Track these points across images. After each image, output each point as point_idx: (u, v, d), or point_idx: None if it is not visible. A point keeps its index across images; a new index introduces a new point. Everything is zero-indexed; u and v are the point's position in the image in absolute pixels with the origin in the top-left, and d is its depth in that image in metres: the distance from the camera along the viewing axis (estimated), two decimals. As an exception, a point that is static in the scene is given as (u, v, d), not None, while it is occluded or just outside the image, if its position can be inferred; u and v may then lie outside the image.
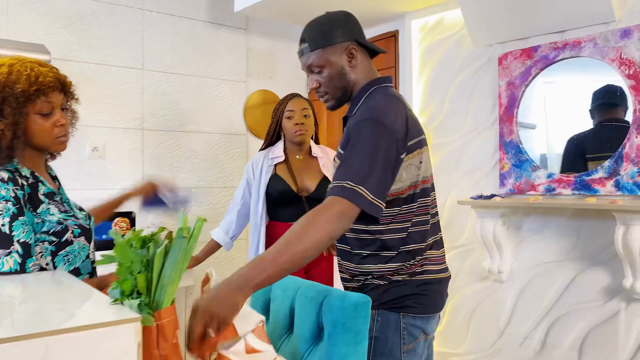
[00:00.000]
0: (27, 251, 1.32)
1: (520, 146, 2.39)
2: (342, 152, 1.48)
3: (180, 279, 1.02)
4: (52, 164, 1.61)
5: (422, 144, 1.49)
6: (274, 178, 2.28)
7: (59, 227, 1.40)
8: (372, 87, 1.58)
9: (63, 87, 1.47)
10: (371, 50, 1.63)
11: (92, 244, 1.51)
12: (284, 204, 2.30)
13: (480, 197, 2.41)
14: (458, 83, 2.69)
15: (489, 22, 2.45)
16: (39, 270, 1.36)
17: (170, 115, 3.12)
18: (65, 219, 1.42)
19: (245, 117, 3.44)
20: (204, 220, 1.04)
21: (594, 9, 2.13)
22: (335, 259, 2.19)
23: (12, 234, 1.32)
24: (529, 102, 2.40)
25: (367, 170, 1.34)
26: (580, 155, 2.27)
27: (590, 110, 2.21)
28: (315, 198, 2.22)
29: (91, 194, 2.81)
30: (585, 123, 2.23)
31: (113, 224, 2.64)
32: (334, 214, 1.26)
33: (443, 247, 1.57)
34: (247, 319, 1.11)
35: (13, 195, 1.33)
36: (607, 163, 2.12)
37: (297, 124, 2.26)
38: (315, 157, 2.35)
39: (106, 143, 2.89)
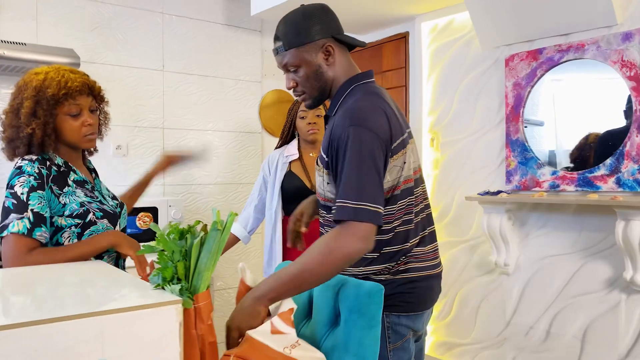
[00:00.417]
0: (37, 221, 1.47)
1: (526, 144, 2.49)
2: (325, 157, 1.47)
3: (215, 266, 1.15)
4: None
5: (405, 142, 1.47)
6: (289, 175, 2.40)
7: (80, 210, 1.56)
8: (352, 85, 1.53)
9: (91, 91, 1.63)
10: (350, 44, 1.55)
11: (118, 227, 1.66)
12: (298, 199, 2.42)
13: (487, 193, 2.51)
14: (466, 83, 2.79)
15: (496, 24, 2.55)
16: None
17: (189, 114, 3.25)
18: (89, 202, 1.58)
19: (260, 116, 3.56)
20: (235, 215, 1.17)
21: (596, 13, 2.22)
22: None
23: (28, 202, 1.48)
24: (537, 99, 2.49)
25: (364, 182, 1.35)
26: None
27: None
28: None
29: (115, 189, 2.94)
30: (591, 121, 2.33)
31: (137, 219, 2.78)
32: (350, 240, 1.30)
33: (434, 242, 1.56)
34: (282, 305, 1.25)
35: (37, 171, 1.51)
36: (608, 161, 2.21)
37: (309, 123, 2.38)
38: None
39: (129, 141, 3.03)
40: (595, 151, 2.31)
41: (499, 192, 2.49)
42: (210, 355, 1.09)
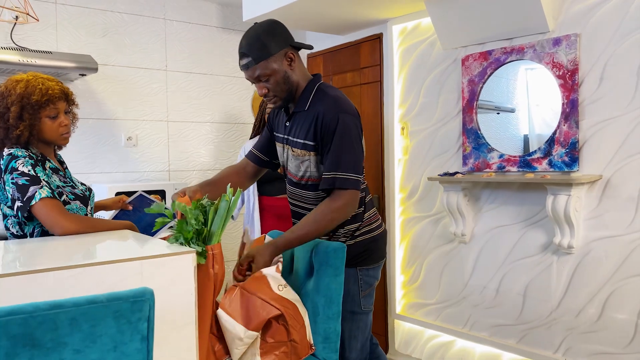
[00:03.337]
0: (50, 187, 1.72)
1: (479, 132, 2.91)
2: (312, 143, 1.79)
3: (224, 229, 1.58)
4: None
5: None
6: None
7: (57, 191, 1.76)
8: (315, 84, 1.82)
9: (66, 97, 1.88)
10: (300, 48, 1.81)
11: (90, 207, 1.92)
12: (271, 181, 2.89)
13: (446, 174, 2.93)
14: (430, 79, 3.19)
15: (453, 29, 2.93)
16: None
17: (190, 108, 3.65)
18: (63, 186, 1.84)
19: (252, 108, 3.96)
20: (241, 191, 1.61)
21: (533, 21, 2.62)
22: None
23: (38, 175, 1.72)
24: (512, 87, 2.82)
25: (351, 157, 1.76)
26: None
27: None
28: None
29: (127, 175, 3.37)
30: (554, 110, 2.71)
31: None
32: (341, 205, 1.75)
33: (374, 207, 1.98)
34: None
35: (27, 154, 1.75)
36: (543, 145, 2.64)
37: None
38: None
39: (138, 133, 3.44)
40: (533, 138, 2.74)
41: (455, 173, 2.91)
42: (219, 287, 1.54)
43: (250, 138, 2.99)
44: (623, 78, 2.35)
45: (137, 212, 2.20)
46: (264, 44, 1.72)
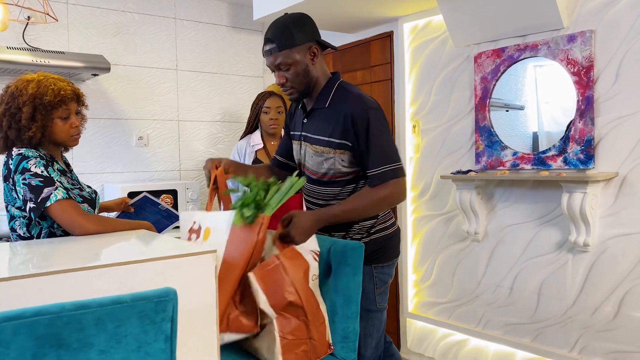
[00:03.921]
0: (64, 188, 1.70)
1: (492, 130, 2.90)
2: (339, 140, 1.80)
3: (278, 205, 1.60)
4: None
5: None
6: (256, 161, 2.88)
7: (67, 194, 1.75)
8: (336, 82, 1.84)
9: (77, 97, 1.86)
10: (325, 47, 1.84)
11: (97, 210, 1.92)
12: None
13: (459, 172, 2.92)
14: (442, 77, 3.18)
15: (465, 26, 2.92)
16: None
17: (200, 108, 3.66)
18: (71, 189, 1.81)
19: (263, 107, 3.97)
20: (304, 180, 1.65)
21: (547, 18, 2.61)
22: None
23: (51, 175, 1.69)
24: (520, 84, 2.83)
25: (392, 148, 1.80)
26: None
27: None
28: None
29: (138, 175, 3.38)
30: (563, 107, 2.70)
31: (160, 199, 3.21)
32: (392, 192, 1.76)
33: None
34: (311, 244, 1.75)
35: (38, 155, 1.73)
36: (557, 143, 2.63)
37: (272, 119, 2.85)
38: None
39: (149, 133, 3.44)
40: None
41: (468, 171, 2.90)
42: (256, 256, 1.56)
43: (240, 139, 3.00)
44: (639, 75, 2.33)
45: (140, 214, 2.21)
46: (291, 33, 1.74)
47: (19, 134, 1.74)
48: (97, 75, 2.90)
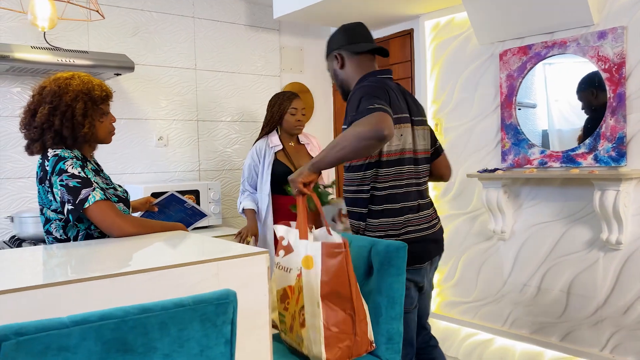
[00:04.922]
0: (102, 189, 1.67)
1: (519, 128, 2.87)
2: (345, 127, 1.90)
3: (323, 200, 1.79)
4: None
5: (401, 121, 1.89)
6: (276, 162, 2.87)
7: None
8: (361, 82, 1.96)
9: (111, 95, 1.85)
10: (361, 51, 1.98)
11: (130, 209, 1.90)
12: (285, 181, 2.87)
13: (485, 170, 2.90)
14: (466, 75, 3.16)
15: (490, 23, 2.90)
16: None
17: (219, 107, 3.62)
18: (107, 189, 1.78)
19: (280, 106, 3.93)
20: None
21: (576, 14, 2.59)
22: None
23: (88, 176, 1.66)
24: (530, 84, 2.84)
25: (368, 102, 1.73)
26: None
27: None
28: None
29: (158, 176, 3.34)
30: (572, 105, 2.71)
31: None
32: (366, 121, 1.66)
33: (425, 210, 1.96)
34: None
35: (74, 155, 1.69)
36: (588, 140, 2.60)
37: (298, 120, 2.86)
38: (303, 144, 2.97)
39: (169, 133, 3.41)
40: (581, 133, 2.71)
41: (495, 169, 2.88)
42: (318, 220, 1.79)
43: (259, 138, 2.98)
44: (674, 71, 2.31)
45: (164, 213, 2.19)
46: (328, 43, 2.07)
47: (73, 131, 1.71)
48: (120, 74, 2.86)
